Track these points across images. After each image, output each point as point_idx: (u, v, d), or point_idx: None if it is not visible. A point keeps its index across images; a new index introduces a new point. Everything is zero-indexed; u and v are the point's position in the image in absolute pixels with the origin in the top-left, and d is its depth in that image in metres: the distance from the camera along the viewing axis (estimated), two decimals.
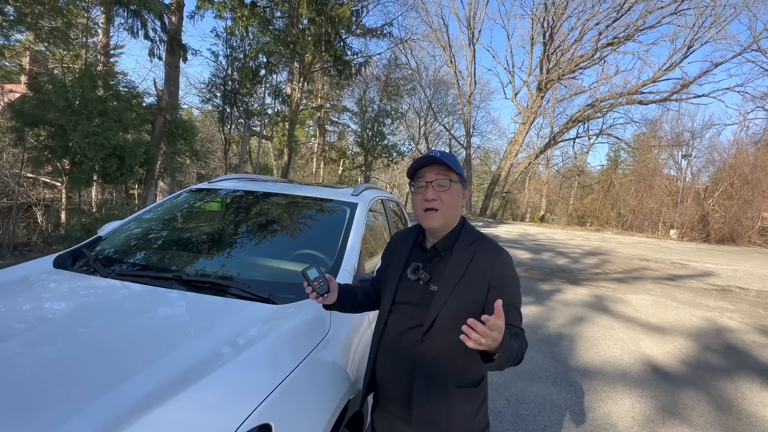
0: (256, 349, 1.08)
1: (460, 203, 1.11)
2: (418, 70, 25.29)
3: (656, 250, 13.31)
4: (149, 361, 0.98)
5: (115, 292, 1.37)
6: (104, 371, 0.94)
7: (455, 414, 1.04)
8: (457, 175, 1.08)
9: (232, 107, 12.85)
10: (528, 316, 4.62)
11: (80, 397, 0.86)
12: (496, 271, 1.04)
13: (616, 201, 26.12)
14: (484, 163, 35.70)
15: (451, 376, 1.04)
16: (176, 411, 0.85)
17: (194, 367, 0.97)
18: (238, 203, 2.20)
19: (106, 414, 0.81)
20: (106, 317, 1.22)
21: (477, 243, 1.09)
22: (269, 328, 1.20)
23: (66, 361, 0.98)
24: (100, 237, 1.89)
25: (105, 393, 0.86)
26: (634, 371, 3.37)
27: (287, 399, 0.99)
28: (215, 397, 0.91)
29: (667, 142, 25.52)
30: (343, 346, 1.35)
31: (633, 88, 23.23)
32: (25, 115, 6.02)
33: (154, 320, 1.23)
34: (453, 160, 1.08)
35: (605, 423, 2.55)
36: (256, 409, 0.89)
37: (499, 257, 1.06)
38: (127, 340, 1.09)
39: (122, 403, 0.84)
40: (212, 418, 0.86)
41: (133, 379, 0.91)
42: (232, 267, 1.67)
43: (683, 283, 7.63)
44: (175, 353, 1.02)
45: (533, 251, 10.51)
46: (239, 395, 0.93)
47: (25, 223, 7.75)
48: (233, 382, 0.97)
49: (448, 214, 1.08)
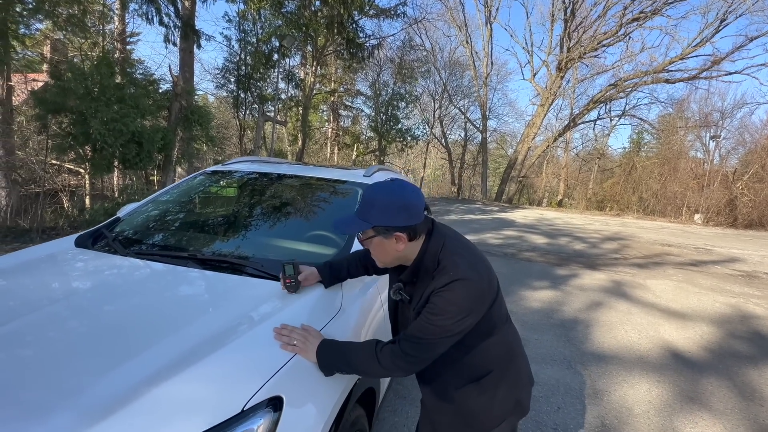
0: (268, 324, 1.10)
1: (391, 249, 1.06)
2: (432, 51, 24.69)
3: (679, 235, 12.90)
4: (163, 335, 1.01)
5: (133, 270, 1.41)
6: (121, 344, 0.98)
7: (470, 407, 1.13)
8: (372, 228, 1.04)
9: (246, 92, 12.88)
10: (542, 301, 4.58)
11: (97, 368, 0.89)
12: (433, 297, 1.01)
13: (637, 185, 25.29)
14: (501, 147, 34.98)
15: (449, 381, 1.14)
16: (188, 383, 0.87)
17: (207, 341, 1.00)
18: (251, 185, 2.22)
19: (120, 384, 0.84)
20: (124, 294, 1.25)
21: (437, 271, 1.04)
22: (282, 305, 1.22)
23: (85, 335, 1.02)
24: (118, 218, 1.94)
25: (120, 365, 0.90)
26: (653, 356, 3.31)
27: (298, 372, 1.01)
28: (227, 370, 0.93)
29: (694, 122, 24.38)
30: (355, 323, 1.37)
31: (659, 65, 22.12)
32: (47, 102, 6.18)
33: (170, 297, 1.27)
34: (351, 225, 1.06)
35: (620, 406, 2.53)
36: (268, 381, 0.91)
37: (444, 288, 0.99)
38: (143, 315, 1.13)
39: (136, 375, 0.87)
40: (224, 389, 0.88)
41: (148, 352, 0.95)
42: (245, 247, 1.69)
43: (707, 268, 7.39)
44: (189, 328, 1.05)
45: (549, 236, 10.34)
46: (252, 368, 0.95)
47: (52, 208, 8.06)
48: (246, 355, 0.99)
49: (384, 261, 1.12)
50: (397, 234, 1.03)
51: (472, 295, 1.00)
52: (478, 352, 1.11)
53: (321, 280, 1.39)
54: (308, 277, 1.36)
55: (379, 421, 2.17)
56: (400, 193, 1.04)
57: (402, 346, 1.02)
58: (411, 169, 32.32)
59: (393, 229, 1.03)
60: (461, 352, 1.10)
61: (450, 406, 1.15)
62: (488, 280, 1.05)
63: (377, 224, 1.03)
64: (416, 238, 1.06)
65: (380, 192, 1.04)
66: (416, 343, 1.01)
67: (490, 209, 16.98)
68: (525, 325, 3.76)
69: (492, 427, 1.14)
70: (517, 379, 1.17)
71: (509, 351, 1.17)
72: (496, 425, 1.14)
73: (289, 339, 1.06)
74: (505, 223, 12.12)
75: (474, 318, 1.02)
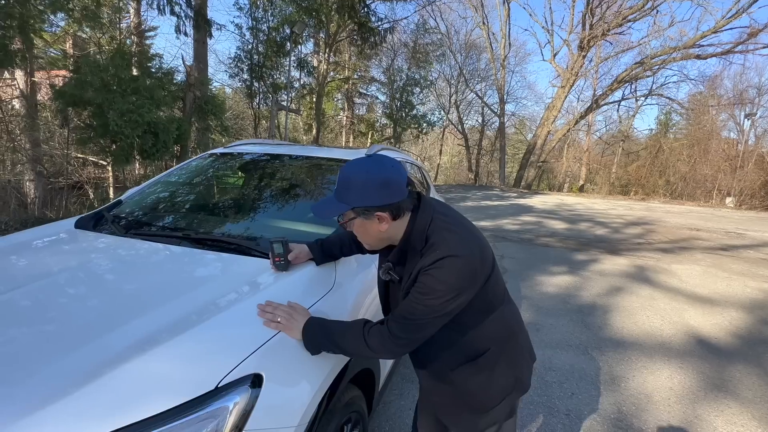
0: (252, 301, 1.06)
1: (374, 230, 0.98)
2: (448, 34, 24.06)
3: (709, 219, 12.29)
4: (142, 312, 0.99)
5: (126, 249, 1.40)
6: (97, 321, 0.96)
7: (468, 387, 1.08)
8: (351, 210, 0.96)
9: (259, 81, 12.91)
10: (559, 286, 4.44)
11: (68, 344, 0.88)
12: (421, 276, 0.93)
13: (665, 168, 24.22)
14: (519, 132, 34.04)
15: (445, 361, 1.09)
16: (161, 359, 0.85)
17: (187, 317, 0.97)
18: (249, 166, 2.20)
19: (89, 359, 0.82)
20: (112, 271, 1.25)
21: (425, 248, 0.96)
22: (269, 282, 1.18)
23: (64, 311, 1.01)
24: (120, 200, 1.95)
25: (92, 341, 0.88)
26: (676, 342, 3.16)
27: (282, 350, 0.97)
28: (205, 346, 0.90)
29: (728, 100, 23.01)
30: (353, 300, 1.33)
31: (690, 40, 20.82)
32: (65, 95, 6.34)
33: (159, 274, 1.25)
34: (329, 208, 0.97)
35: (638, 392, 2.41)
36: (246, 358, 0.87)
37: (433, 266, 0.92)
38: (127, 293, 1.12)
39: (107, 351, 0.85)
40: (199, 366, 0.85)
41: (123, 328, 0.92)
42: (240, 226, 1.67)
43: (738, 253, 7.00)
44: (170, 304, 1.03)
45: (569, 221, 10.03)
46: (231, 345, 0.92)
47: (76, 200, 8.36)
48: (226, 332, 0.96)
49: (369, 243, 1.06)
50: (379, 214, 0.95)
51: (463, 273, 0.92)
52: (474, 331, 1.04)
53: (312, 258, 1.34)
54: (298, 256, 1.31)
55: (385, 405, 2.14)
56: (377, 170, 0.94)
57: (390, 327, 0.96)
58: (427, 156, 31.93)
59: (373, 209, 0.94)
60: (456, 332, 1.04)
61: (447, 387, 1.11)
62: (481, 256, 0.97)
63: (356, 205, 0.95)
64: (401, 216, 0.98)
65: (356, 170, 0.95)
66: (405, 324, 0.95)
67: (508, 195, 16.62)
68: (539, 311, 3.65)
69: (492, 406, 1.09)
70: (516, 357, 1.12)
71: (507, 329, 1.11)
72: (496, 404, 1.09)
73: (273, 316, 1.02)
74: (523, 209, 11.84)
75: (466, 297, 0.95)
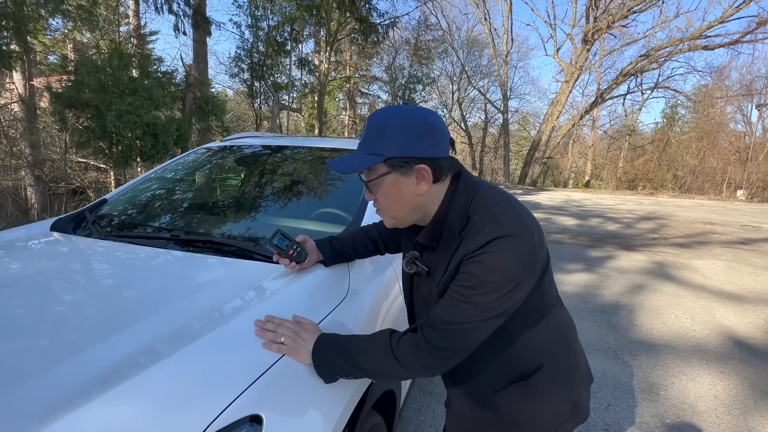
0: (248, 316, 0.84)
1: (409, 192, 0.77)
2: (449, 30, 23.79)
3: (721, 212, 11.99)
4: (112, 331, 0.77)
5: (102, 253, 1.20)
6: (58, 342, 0.75)
7: (514, 415, 0.85)
8: (385, 162, 0.75)
9: (260, 81, 12.73)
10: (578, 285, 4.21)
11: (21, 372, 0.66)
12: (466, 265, 0.72)
13: (672, 161, 23.84)
14: (523, 128, 33.69)
15: (487, 380, 0.85)
16: (119, 405, 0.62)
17: (162, 340, 0.74)
18: (243, 160, 1.99)
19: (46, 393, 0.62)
20: (90, 281, 1.04)
21: (466, 230, 0.75)
22: (271, 290, 0.97)
23: (14, 334, 0.80)
24: (105, 200, 1.75)
25: (51, 368, 0.67)
26: (711, 344, 2.93)
27: (286, 381, 0.75)
28: (182, 381, 0.67)
29: (735, 92, 22.60)
30: (363, 312, 1.09)
31: (697, 31, 20.44)
32: (62, 97, 6.19)
33: (141, 281, 1.04)
34: (355, 161, 0.76)
35: (682, 402, 2.19)
36: (239, 397, 0.66)
37: (481, 250, 0.70)
38: (99, 307, 0.90)
39: (66, 382, 0.64)
40: (173, 412, 0.62)
41: (89, 352, 0.71)
42: (234, 226, 1.46)
43: (758, 246, 6.73)
44: (150, 320, 0.81)
45: (579, 217, 9.78)
46: (219, 378, 0.69)
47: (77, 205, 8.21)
48: (212, 360, 0.73)
49: (395, 214, 0.82)
50: (420, 167, 0.74)
51: (520, 257, 0.70)
52: (523, 341, 0.82)
53: (320, 259, 1.10)
54: (306, 241, 1.08)
55: (403, 421, 1.93)
56: (420, 113, 0.75)
57: (427, 336, 0.74)
58: None
59: (414, 160, 0.73)
60: (503, 341, 0.81)
61: (487, 413, 0.87)
62: (539, 236, 0.75)
63: (393, 155, 0.73)
64: (441, 179, 0.77)
65: (394, 113, 0.75)
66: (446, 330, 0.72)
67: (514, 192, 16.34)
68: None
69: None
70: (572, 377, 0.88)
71: (563, 340, 0.88)
72: None
73: (275, 335, 0.80)
74: (530, 206, 11.55)
75: (525, 288, 0.73)
